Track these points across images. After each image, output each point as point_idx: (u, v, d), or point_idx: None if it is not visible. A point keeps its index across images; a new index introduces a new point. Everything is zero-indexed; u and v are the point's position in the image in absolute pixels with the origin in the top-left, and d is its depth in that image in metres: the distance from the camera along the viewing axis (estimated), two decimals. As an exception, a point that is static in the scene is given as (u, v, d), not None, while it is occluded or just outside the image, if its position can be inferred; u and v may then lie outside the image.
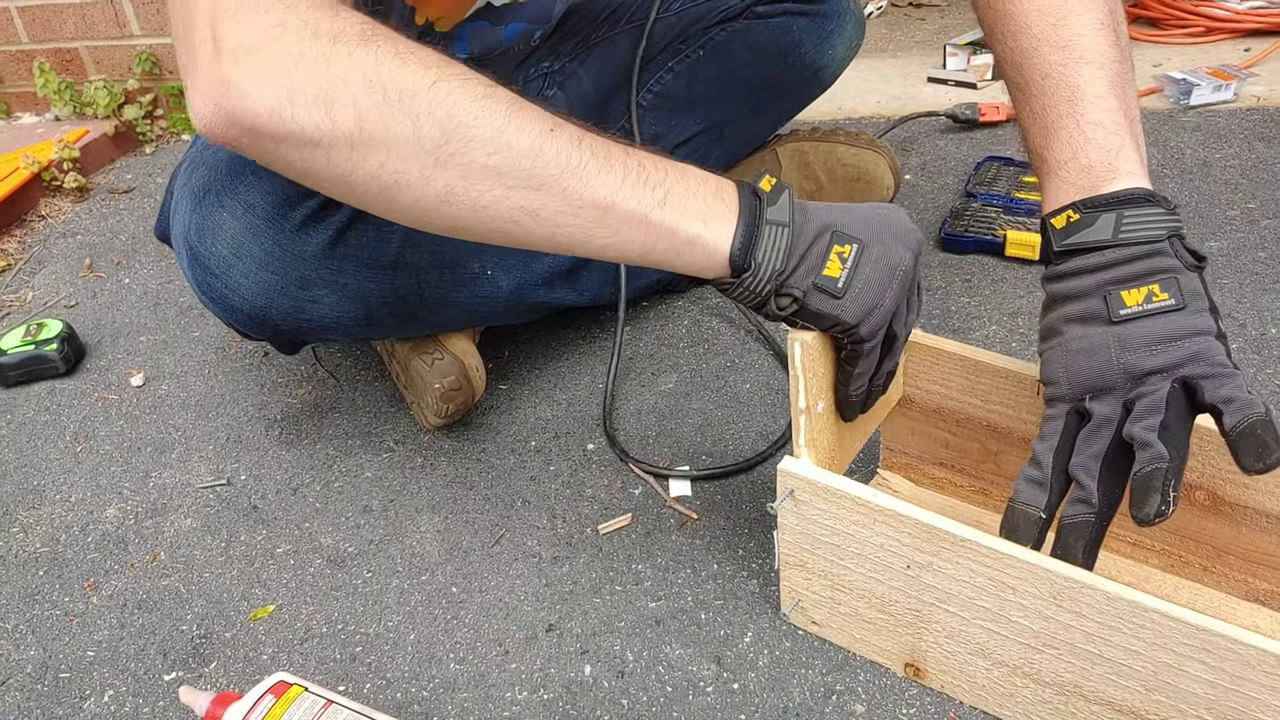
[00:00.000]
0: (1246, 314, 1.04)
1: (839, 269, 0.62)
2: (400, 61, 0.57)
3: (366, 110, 0.57)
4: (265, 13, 0.56)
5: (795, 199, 0.63)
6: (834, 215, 0.63)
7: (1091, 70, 0.66)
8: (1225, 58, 1.67)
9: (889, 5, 2.24)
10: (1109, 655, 0.59)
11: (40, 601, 0.88)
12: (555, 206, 0.60)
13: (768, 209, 0.62)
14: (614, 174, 0.60)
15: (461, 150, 0.58)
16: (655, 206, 0.61)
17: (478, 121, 0.58)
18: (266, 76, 0.56)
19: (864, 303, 0.62)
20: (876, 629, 0.71)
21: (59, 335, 1.21)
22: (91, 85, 1.98)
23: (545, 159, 0.59)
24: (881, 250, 0.62)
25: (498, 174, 0.59)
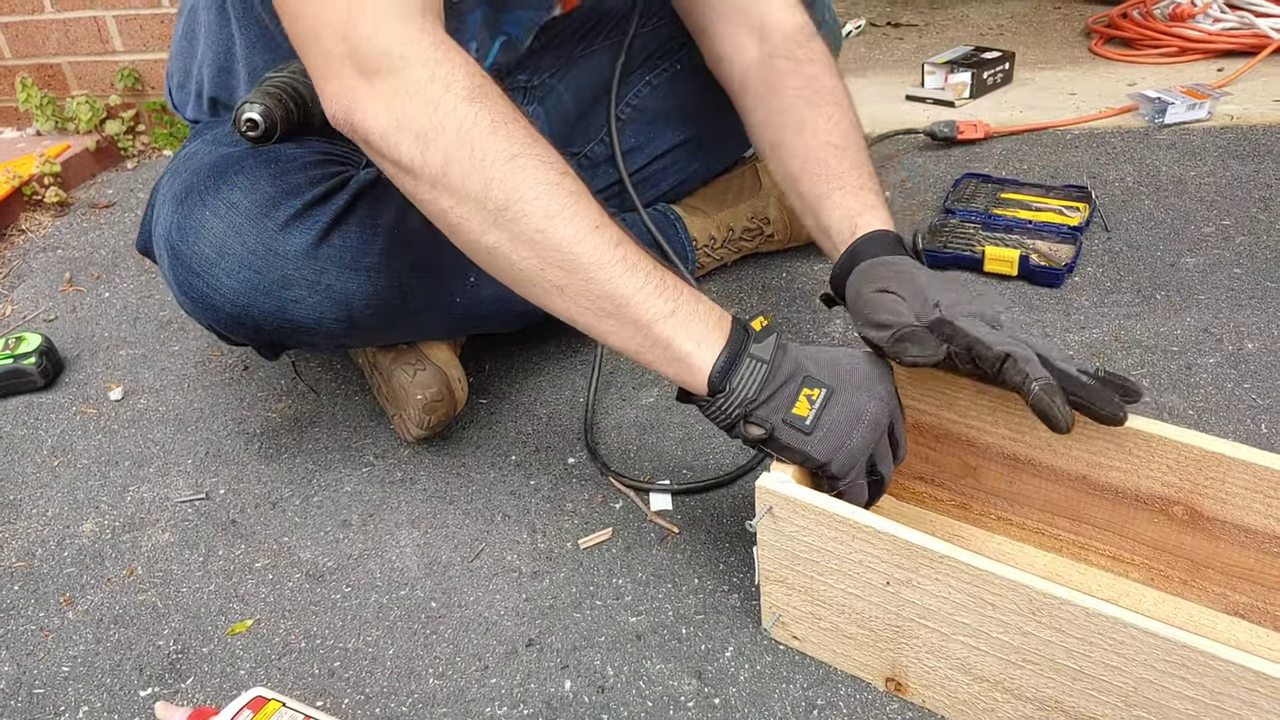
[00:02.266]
0: (1223, 329, 1.05)
1: (807, 409, 0.68)
2: (493, 129, 0.68)
3: (453, 161, 0.68)
4: (394, 39, 0.68)
5: (780, 341, 0.71)
6: (807, 361, 0.70)
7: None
8: (1199, 77, 1.69)
9: (868, 25, 2.26)
10: (1089, 671, 0.60)
11: (15, 617, 0.87)
12: (578, 289, 0.70)
13: (752, 345, 0.70)
14: (636, 279, 0.69)
15: (516, 220, 0.69)
16: (661, 317, 0.69)
17: (537, 200, 0.68)
18: (384, 103, 0.69)
19: (831, 442, 0.68)
20: (857, 644, 0.71)
21: (38, 349, 1.20)
22: (74, 100, 1.97)
23: (582, 249, 0.69)
24: (848, 398, 0.69)
25: (539, 248, 0.69)
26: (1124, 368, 1.01)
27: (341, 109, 0.71)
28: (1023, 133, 1.59)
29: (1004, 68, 1.79)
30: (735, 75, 0.99)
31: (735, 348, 0.69)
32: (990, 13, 2.27)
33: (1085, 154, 1.49)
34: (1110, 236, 1.26)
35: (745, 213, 1.24)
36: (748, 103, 0.97)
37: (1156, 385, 0.98)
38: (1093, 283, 1.17)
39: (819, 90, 0.91)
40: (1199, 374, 0.99)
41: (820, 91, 0.91)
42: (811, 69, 0.93)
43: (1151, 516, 0.73)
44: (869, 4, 2.44)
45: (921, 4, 2.40)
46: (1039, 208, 1.30)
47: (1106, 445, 0.72)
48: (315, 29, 0.69)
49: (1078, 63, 1.88)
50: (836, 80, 0.93)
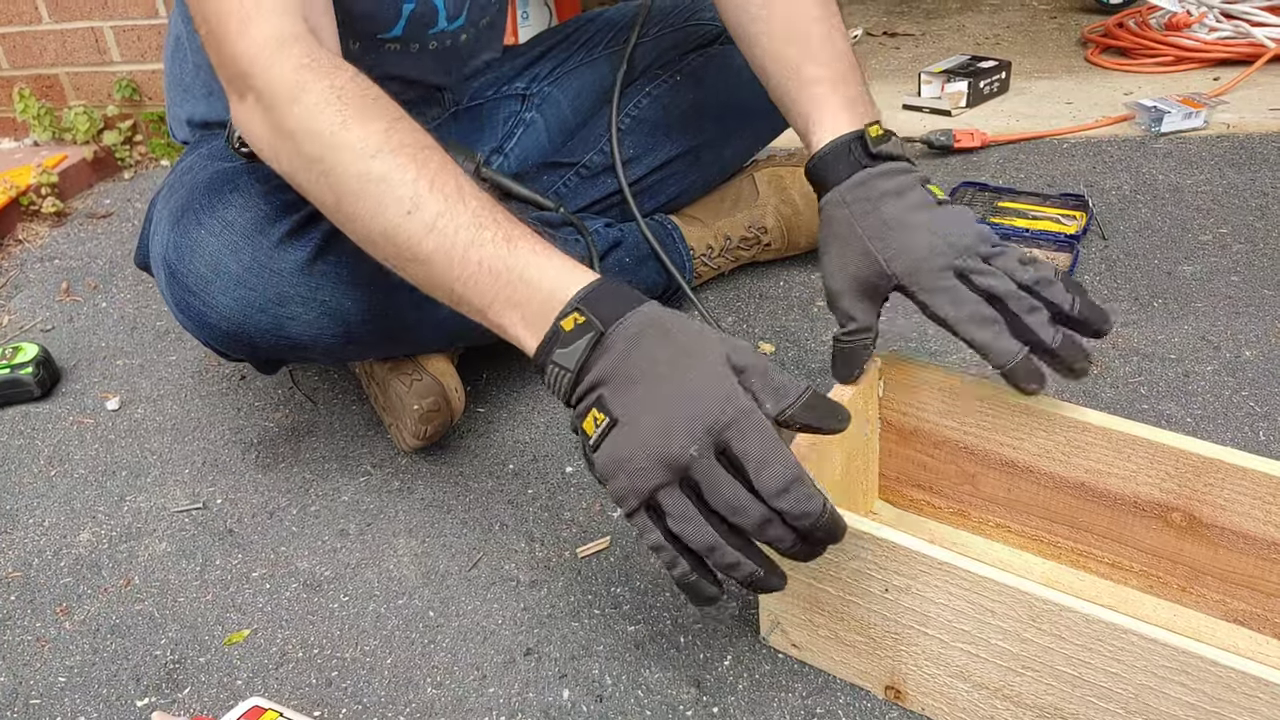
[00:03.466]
0: (1220, 337, 1.05)
1: (593, 429, 0.62)
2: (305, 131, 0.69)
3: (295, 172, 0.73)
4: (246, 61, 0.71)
5: (601, 343, 0.62)
6: (615, 372, 0.62)
7: None
8: (1195, 86, 1.70)
9: (864, 34, 2.27)
10: (1089, 678, 0.59)
11: (11, 627, 0.87)
12: (415, 275, 0.69)
13: (556, 350, 0.63)
14: (454, 267, 0.67)
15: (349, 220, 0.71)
16: (481, 307, 0.67)
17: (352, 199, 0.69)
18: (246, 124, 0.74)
19: (602, 469, 0.62)
20: (856, 652, 0.71)
21: (34, 359, 1.20)
22: (71, 111, 1.97)
23: (398, 241, 0.68)
24: (623, 439, 0.60)
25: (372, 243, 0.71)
26: (1122, 376, 1.01)
27: (236, 125, 0.76)
28: (1019, 141, 1.59)
29: (1000, 77, 1.80)
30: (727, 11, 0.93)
31: (546, 348, 0.64)
32: (987, 22, 2.28)
33: (1082, 162, 1.49)
34: (1107, 245, 1.26)
35: (742, 222, 1.24)
36: (728, 11, 0.91)
37: (1154, 393, 0.98)
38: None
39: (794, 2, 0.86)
40: (1197, 382, 0.99)
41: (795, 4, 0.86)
42: None
43: (1150, 523, 0.73)
44: (865, 14, 2.45)
45: (918, 14, 2.41)
46: (1036, 216, 1.31)
47: (1105, 452, 0.72)
48: (210, 60, 0.76)
49: (1074, 72, 1.89)
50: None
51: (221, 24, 0.72)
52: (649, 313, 0.63)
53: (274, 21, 0.71)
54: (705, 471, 0.59)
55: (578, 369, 0.62)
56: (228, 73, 0.74)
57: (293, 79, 0.70)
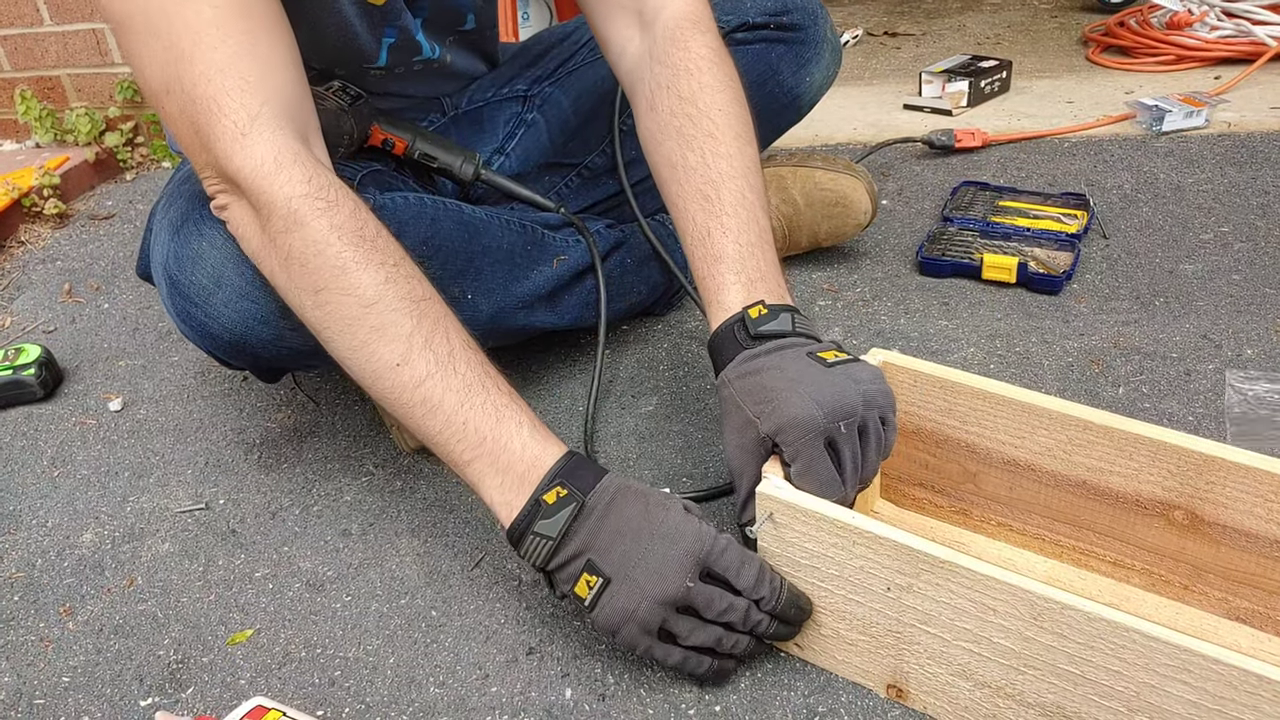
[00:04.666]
0: (1222, 336, 1.05)
1: (586, 592, 0.69)
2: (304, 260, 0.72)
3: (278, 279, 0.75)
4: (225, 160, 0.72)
5: (582, 513, 0.70)
6: (597, 538, 0.69)
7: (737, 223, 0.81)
8: (1196, 85, 1.70)
9: (865, 34, 2.27)
10: (1091, 676, 0.59)
11: (15, 627, 0.87)
12: (396, 413, 0.74)
13: (539, 521, 0.69)
14: (435, 423, 0.72)
15: (328, 344, 0.75)
16: (461, 464, 0.72)
17: (340, 338, 0.73)
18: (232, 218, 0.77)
19: (609, 625, 0.69)
20: (858, 650, 0.71)
21: (37, 360, 1.20)
22: (73, 112, 1.98)
23: (382, 388, 0.73)
24: (623, 593, 0.68)
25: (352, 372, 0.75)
26: (1123, 374, 1.01)
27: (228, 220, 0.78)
28: (1020, 141, 1.59)
29: (1001, 76, 1.80)
30: (623, 72, 0.93)
31: (525, 518, 0.70)
32: (987, 22, 2.28)
33: (1083, 161, 1.49)
34: (1109, 244, 1.26)
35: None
36: (636, 112, 0.91)
37: (1156, 392, 0.98)
38: (1091, 290, 1.17)
39: (695, 114, 0.84)
40: (1198, 380, 0.99)
41: (695, 117, 0.84)
42: (691, 82, 0.85)
43: (1152, 521, 0.73)
44: (866, 14, 2.45)
45: (919, 14, 2.41)
46: (1037, 215, 1.31)
47: (1107, 451, 0.72)
48: (190, 152, 0.76)
49: (1075, 71, 1.89)
50: (720, 93, 0.85)
51: (212, 134, 0.72)
52: (614, 480, 0.72)
53: (271, 141, 0.72)
54: (700, 594, 0.68)
55: (559, 538, 0.69)
56: (216, 176, 0.75)
57: (295, 208, 0.71)
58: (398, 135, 1.04)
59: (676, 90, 0.86)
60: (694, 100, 0.85)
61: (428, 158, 1.05)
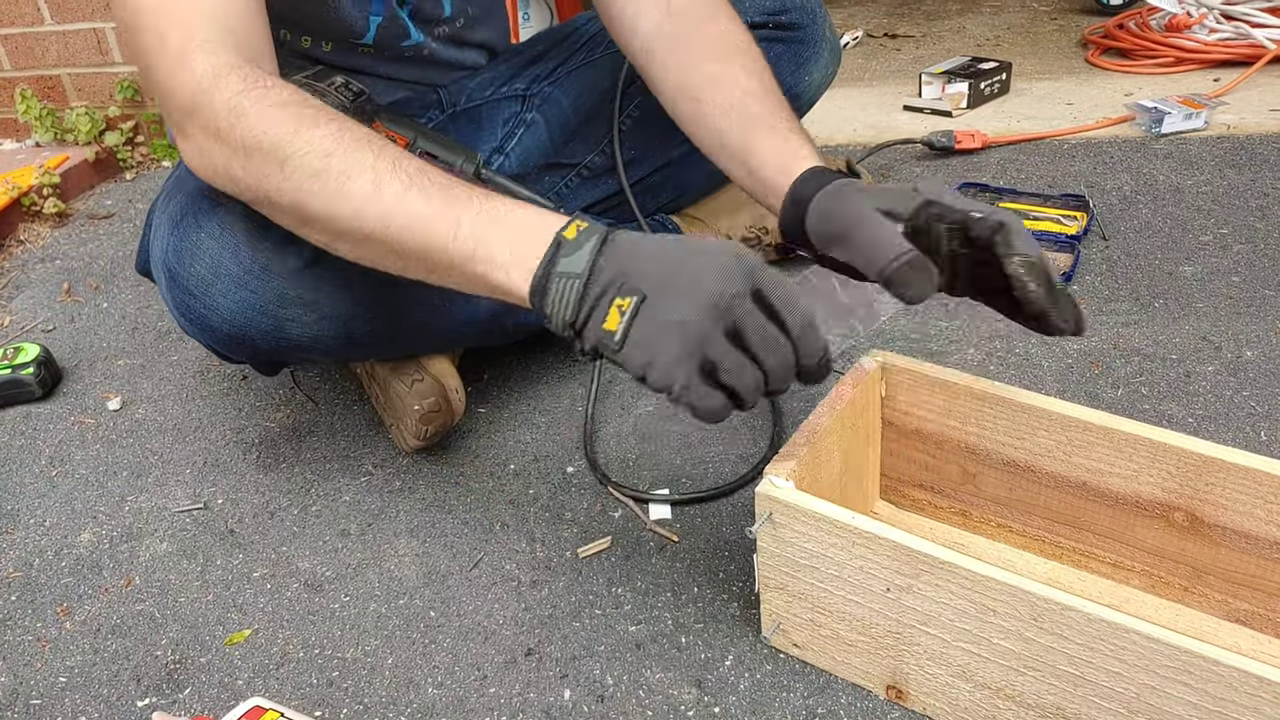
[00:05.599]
0: (1222, 337, 1.05)
1: (617, 322, 0.61)
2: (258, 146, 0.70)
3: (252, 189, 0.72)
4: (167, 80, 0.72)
5: (606, 242, 0.63)
6: (635, 262, 0.62)
7: None
8: (1195, 87, 1.70)
9: (865, 36, 2.27)
10: (1091, 677, 0.59)
11: (12, 627, 0.87)
12: (389, 257, 0.70)
13: (561, 260, 0.63)
14: (430, 231, 0.66)
15: (310, 222, 0.71)
16: (463, 260, 0.66)
17: (314, 199, 0.69)
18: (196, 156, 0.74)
19: (641, 355, 0.61)
20: (858, 651, 0.70)
21: (35, 359, 1.20)
22: (73, 112, 1.98)
23: (367, 225, 0.68)
24: (661, 305, 0.60)
25: (338, 237, 0.71)
26: (1123, 376, 1.01)
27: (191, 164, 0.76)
28: (1020, 142, 1.59)
29: (1001, 78, 1.80)
30: (638, 42, 0.94)
31: (545, 267, 0.63)
32: (987, 24, 2.28)
33: (1083, 163, 1.49)
34: (1108, 245, 1.26)
35: (744, 221, 1.24)
36: (655, 68, 0.92)
37: (1156, 393, 0.98)
38: (1091, 291, 1.17)
39: (727, 45, 0.88)
40: (1198, 382, 0.99)
41: (729, 46, 0.87)
42: (716, 26, 0.89)
43: (1152, 523, 0.73)
44: (866, 16, 2.45)
45: (919, 16, 2.41)
46: (1037, 217, 1.31)
47: (1107, 452, 0.72)
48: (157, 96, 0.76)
49: (1074, 73, 1.89)
50: (746, 35, 0.89)
51: (156, 63, 0.73)
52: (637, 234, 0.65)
53: (207, 59, 0.72)
54: (747, 314, 0.60)
55: (588, 271, 0.62)
56: (169, 109, 0.75)
57: (235, 103, 0.70)
58: (399, 132, 1.04)
59: (705, 30, 0.88)
60: (726, 35, 0.88)
61: (429, 156, 1.05)
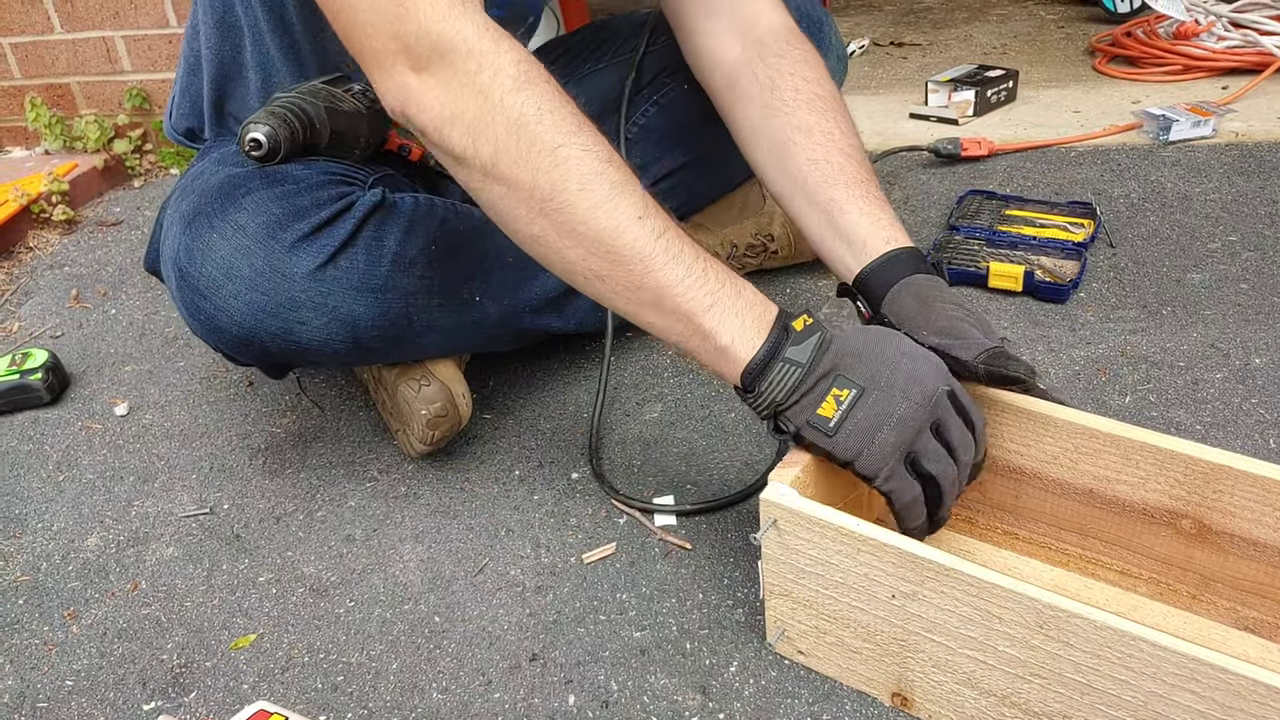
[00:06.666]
0: (1230, 345, 1.05)
1: (833, 410, 0.68)
2: (539, 118, 0.70)
3: (501, 151, 0.70)
4: (442, 31, 0.69)
5: (824, 339, 0.70)
6: (849, 358, 0.69)
7: None
8: (1204, 95, 1.70)
9: (871, 44, 2.28)
10: (1098, 685, 0.59)
11: (19, 630, 0.87)
12: (619, 279, 0.71)
13: (789, 348, 0.69)
14: (676, 271, 0.70)
15: (560, 210, 0.70)
16: (701, 310, 0.70)
17: (581, 192, 0.69)
18: (435, 96, 0.71)
19: (854, 443, 0.68)
20: (863, 658, 0.70)
21: (44, 365, 1.21)
22: (82, 120, 1.99)
23: (624, 241, 0.70)
24: (878, 399, 0.68)
25: (582, 239, 0.71)
26: (1130, 383, 1.01)
27: (397, 102, 0.73)
28: (1027, 150, 1.59)
29: (1008, 86, 1.80)
30: (721, 74, 0.97)
31: (770, 349, 0.69)
32: (994, 32, 2.28)
33: (1090, 171, 1.49)
34: (1116, 252, 1.26)
35: (749, 229, 1.24)
36: (737, 101, 0.95)
37: (1163, 401, 0.98)
38: (1098, 299, 1.17)
39: (822, 96, 0.90)
40: (1206, 389, 0.99)
41: (824, 98, 0.90)
42: (809, 72, 0.91)
43: (1159, 530, 0.72)
44: (872, 24, 2.45)
45: (925, 24, 2.41)
46: (1044, 224, 1.30)
47: (1114, 459, 0.72)
48: (365, 26, 0.71)
49: (1082, 81, 1.89)
50: (835, 88, 0.92)
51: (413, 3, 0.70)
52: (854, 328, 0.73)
53: (481, 7, 0.72)
54: (948, 411, 0.69)
55: (810, 363, 0.69)
56: (416, 44, 0.70)
57: (525, 69, 0.71)
58: (414, 142, 1.04)
59: (801, 74, 0.91)
60: (819, 84, 0.91)
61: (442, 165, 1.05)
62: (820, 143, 0.87)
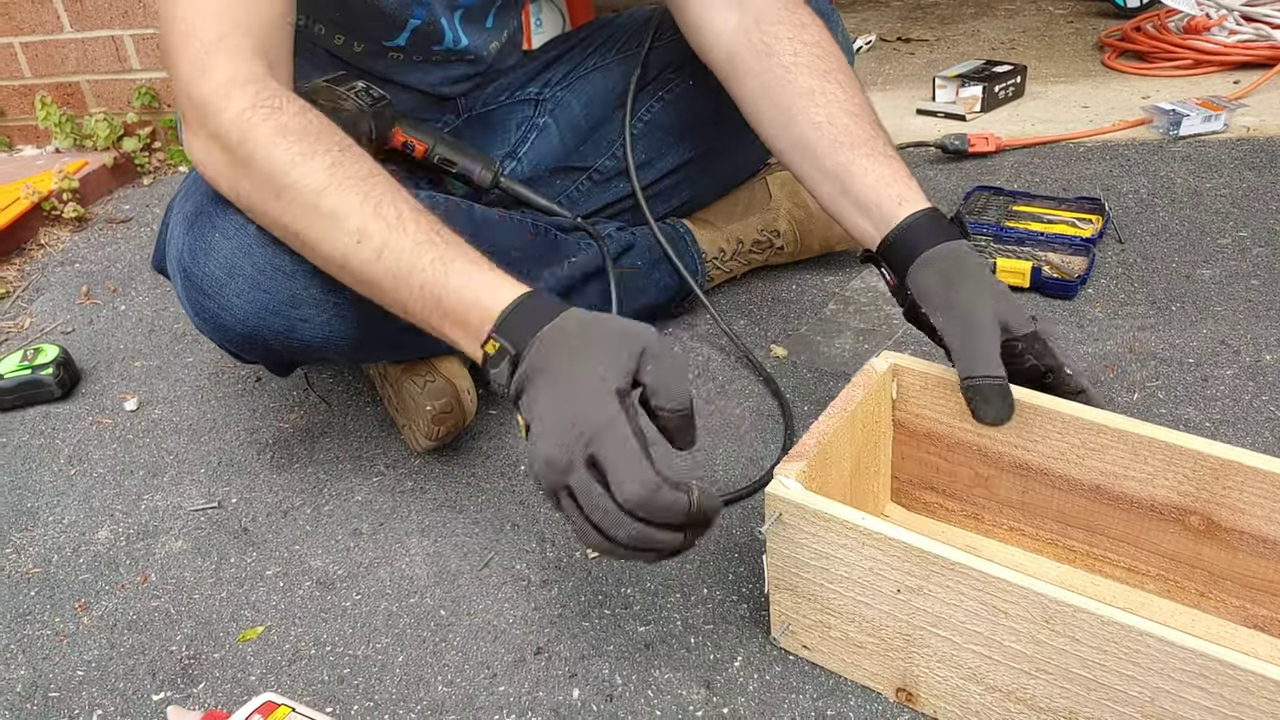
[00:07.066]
0: (1241, 341, 1.04)
1: (525, 433, 0.67)
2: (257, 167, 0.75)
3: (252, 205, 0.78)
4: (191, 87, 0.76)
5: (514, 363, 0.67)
6: (528, 382, 0.66)
7: None
8: (1215, 89, 1.69)
9: (878, 40, 2.27)
10: (1105, 681, 0.59)
11: (31, 621, 0.88)
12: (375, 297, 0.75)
13: (490, 371, 0.69)
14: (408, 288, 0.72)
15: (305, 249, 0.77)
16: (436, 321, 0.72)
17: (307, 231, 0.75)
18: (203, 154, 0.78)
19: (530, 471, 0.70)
20: (867, 653, 0.70)
21: (55, 360, 1.21)
22: (92, 118, 2.00)
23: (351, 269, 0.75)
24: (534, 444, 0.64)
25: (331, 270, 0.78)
26: (1139, 379, 1.00)
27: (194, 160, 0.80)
28: (1035, 145, 1.59)
29: (1016, 81, 1.79)
30: (721, 45, 0.95)
31: (485, 370, 0.70)
32: (1002, 27, 2.27)
33: (1099, 166, 1.49)
34: (1124, 249, 1.25)
35: (755, 225, 1.24)
36: (739, 70, 0.93)
37: (1172, 397, 0.97)
38: (1106, 295, 1.16)
39: (823, 57, 0.88)
40: (1215, 386, 0.98)
41: (824, 58, 0.88)
42: (807, 35, 0.90)
43: (1167, 527, 0.72)
44: (879, 19, 2.44)
45: (932, 19, 2.41)
46: (1051, 220, 1.30)
47: (1121, 455, 0.71)
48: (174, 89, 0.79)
49: (1091, 76, 1.88)
50: (837, 49, 0.90)
51: (179, 55, 0.77)
52: (557, 326, 0.67)
53: (227, 66, 0.76)
54: (580, 482, 0.62)
55: (508, 384, 0.68)
56: (183, 103, 0.78)
57: (244, 119, 0.74)
58: (419, 139, 1.04)
59: (799, 38, 0.90)
60: (819, 44, 0.89)
61: (447, 162, 1.06)
62: (822, 105, 0.85)
